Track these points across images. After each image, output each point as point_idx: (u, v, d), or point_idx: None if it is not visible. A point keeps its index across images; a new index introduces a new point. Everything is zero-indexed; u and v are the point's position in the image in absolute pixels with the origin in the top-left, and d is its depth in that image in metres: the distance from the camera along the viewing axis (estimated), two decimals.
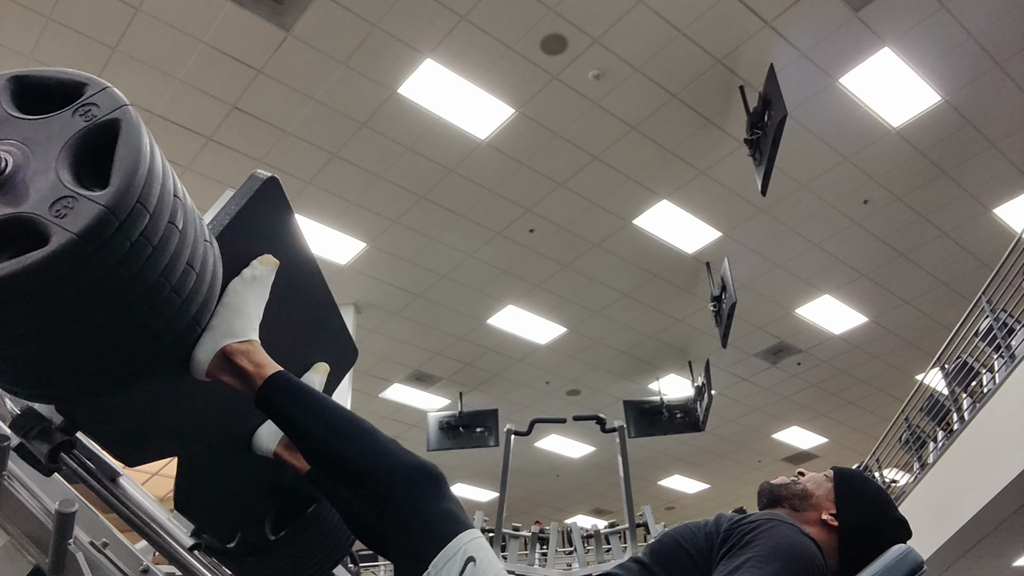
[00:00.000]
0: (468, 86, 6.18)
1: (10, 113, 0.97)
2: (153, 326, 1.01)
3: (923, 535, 6.61)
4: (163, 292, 0.99)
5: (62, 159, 0.93)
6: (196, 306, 1.08)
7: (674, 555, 1.22)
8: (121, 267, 0.92)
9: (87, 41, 5.57)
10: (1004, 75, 6.45)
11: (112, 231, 0.90)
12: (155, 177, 0.97)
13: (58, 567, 1.12)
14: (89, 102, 0.97)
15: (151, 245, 0.95)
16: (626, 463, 5.83)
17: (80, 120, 0.96)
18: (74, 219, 0.88)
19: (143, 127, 0.98)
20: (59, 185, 0.91)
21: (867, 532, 1.33)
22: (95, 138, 0.95)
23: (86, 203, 0.89)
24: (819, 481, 1.39)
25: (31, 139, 0.95)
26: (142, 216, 0.93)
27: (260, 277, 1.23)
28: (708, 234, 8.04)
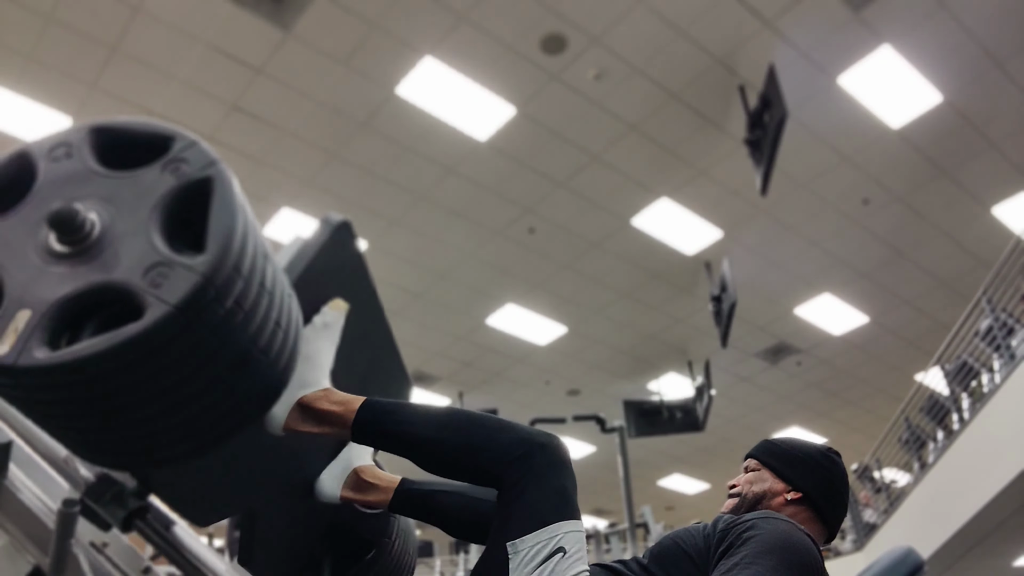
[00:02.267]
0: (468, 86, 6.18)
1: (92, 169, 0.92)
2: (242, 391, 0.98)
3: (923, 535, 6.61)
4: (253, 355, 0.96)
5: (152, 220, 0.88)
6: (283, 364, 1.04)
7: (674, 557, 1.22)
8: (213, 336, 0.89)
9: (87, 41, 5.57)
10: (1004, 75, 6.45)
11: (208, 300, 0.86)
12: (248, 239, 0.93)
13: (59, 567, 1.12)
14: (178, 158, 0.93)
15: (243, 311, 0.91)
16: (626, 463, 5.83)
17: (170, 178, 0.91)
18: (171, 289, 0.84)
19: (236, 184, 0.94)
20: (151, 250, 0.86)
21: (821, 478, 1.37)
22: (186, 197, 0.91)
23: (181, 271, 0.84)
24: (755, 477, 1.41)
25: (117, 197, 0.89)
26: (236, 282, 0.89)
27: (331, 324, 1.22)
28: (708, 234, 8.04)
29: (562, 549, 1.03)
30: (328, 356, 1.21)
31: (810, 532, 1.22)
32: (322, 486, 1.36)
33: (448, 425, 1.16)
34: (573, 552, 1.04)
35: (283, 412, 1.12)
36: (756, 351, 10.05)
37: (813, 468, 1.38)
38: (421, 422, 1.17)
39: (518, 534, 1.03)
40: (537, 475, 1.08)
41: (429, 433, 1.15)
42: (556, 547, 1.02)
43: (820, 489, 1.36)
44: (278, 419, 1.13)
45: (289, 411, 1.13)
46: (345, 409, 1.15)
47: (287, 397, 1.12)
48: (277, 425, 1.13)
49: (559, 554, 1.02)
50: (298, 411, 1.14)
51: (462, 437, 1.14)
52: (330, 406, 1.15)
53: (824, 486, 1.37)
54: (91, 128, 0.94)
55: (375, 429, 1.17)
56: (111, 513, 1.09)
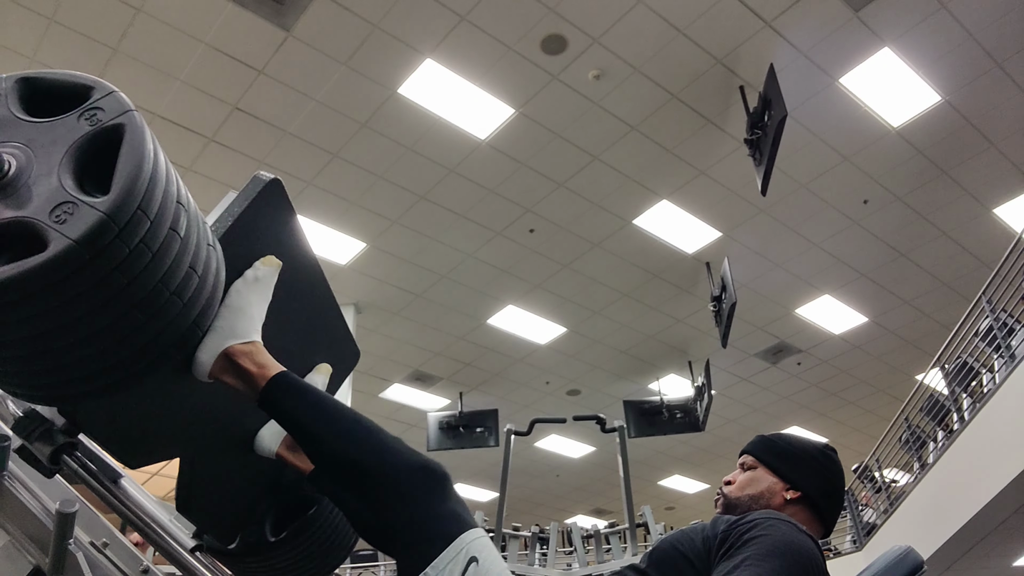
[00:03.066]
0: (468, 86, 6.18)
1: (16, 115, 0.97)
2: (152, 329, 1.01)
3: (923, 535, 6.62)
4: (163, 297, 0.99)
5: (65, 163, 0.93)
6: (198, 309, 1.08)
7: (673, 561, 1.21)
8: (119, 273, 0.92)
9: (89, 42, 5.58)
10: (1004, 75, 6.45)
11: (111, 238, 0.90)
12: (157, 184, 0.97)
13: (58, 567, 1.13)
14: (95, 106, 0.96)
15: (151, 252, 0.95)
16: (626, 463, 5.83)
17: (85, 124, 0.95)
18: (73, 225, 0.88)
19: (148, 133, 0.97)
20: (60, 190, 0.90)
21: (819, 476, 1.36)
22: (99, 143, 0.95)
23: (86, 209, 0.89)
24: (752, 475, 1.40)
25: (35, 142, 0.94)
26: (142, 223, 0.93)
27: (263, 278, 1.22)
28: (708, 234, 8.04)
29: (474, 558, 1.03)
30: (259, 309, 1.20)
31: (810, 531, 1.22)
32: (261, 441, 1.36)
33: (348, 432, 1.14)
34: (486, 557, 1.04)
35: (209, 358, 1.12)
36: (756, 351, 10.05)
37: (812, 466, 1.38)
38: (320, 417, 1.14)
39: (429, 559, 1.03)
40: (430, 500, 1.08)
41: (324, 431, 1.14)
42: (468, 557, 1.03)
43: (819, 488, 1.36)
44: (203, 365, 1.12)
45: (215, 358, 1.13)
46: (259, 373, 1.14)
47: (213, 343, 1.13)
48: (202, 371, 1.13)
49: (474, 564, 1.03)
50: (224, 360, 1.13)
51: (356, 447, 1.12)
52: (249, 364, 1.14)
53: (823, 485, 1.36)
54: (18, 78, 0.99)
55: (278, 406, 1.15)
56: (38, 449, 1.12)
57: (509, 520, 6.06)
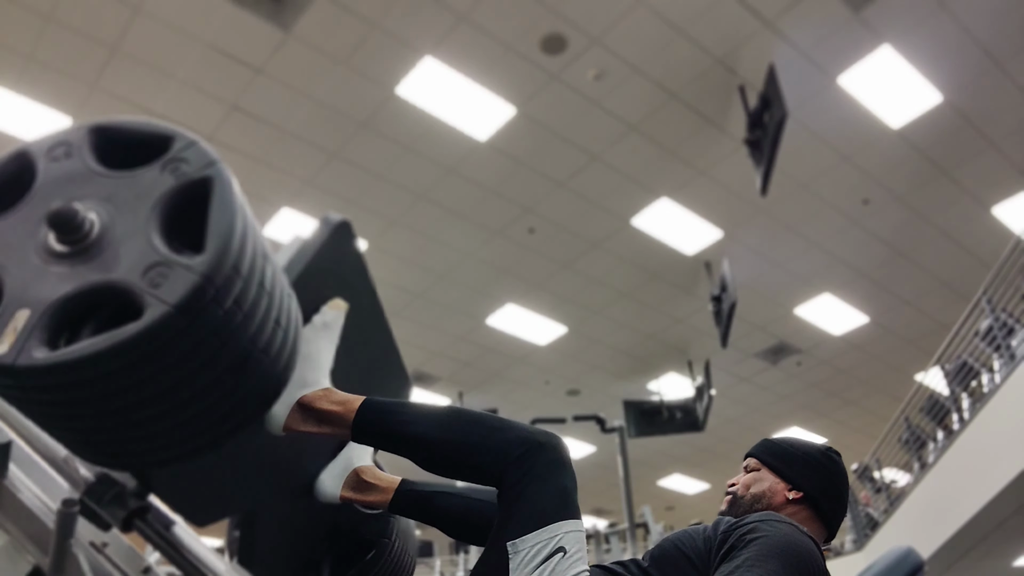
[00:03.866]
0: (468, 86, 6.18)
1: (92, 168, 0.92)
2: (243, 391, 0.98)
3: (923, 535, 6.61)
4: (253, 355, 0.95)
5: (151, 220, 0.88)
6: (283, 363, 1.04)
7: (674, 560, 1.21)
8: (213, 336, 0.88)
9: (87, 41, 5.57)
10: (1004, 75, 6.45)
11: (207, 300, 0.86)
12: (248, 239, 0.92)
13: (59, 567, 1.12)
14: (178, 157, 0.92)
15: (242, 311, 0.91)
16: (626, 463, 5.83)
17: (169, 177, 0.91)
18: (170, 289, 0.83)
19: (235, 184, 0.93)
20: (150, 250, 0.86)
21: (822, 477, 1.37)
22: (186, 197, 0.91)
23: (181, 271, 0.84)
24: (755, 476, 1.40)
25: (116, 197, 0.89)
26: (235, 282, 0.89)
27: (331, 323, 1.22)
28: (708, 234, 8.04)
29: (562, 549, 1.02)
30: (328, 355, 1.20)
31: (811, 532, 1.22)
32: (322, 486, 1.36)
33: (448, 425, 1.16)
34: (573, 552, 1.03)
35: (283, 412, 1.12)
36: (756, 351, 10.05)
37: (813, 467, 1.38)
38: (421, 421, 1.16)
39: (518, 534, 1.03)
40: (537, 475, 1.08)
41: (429, 432, 1.15)
42: (556, 547, 1.02)
43: (820, 489, 1.36)
44: (278, 419, 1.12)
45: (289, 411, 1.13)
46: (345, 409, 1.15)
47: (287, 397, 1.12)
48: (277, 425, 1.12)
49: (559, 554, 1.02)
50: (298, 411, 1.13)
51: (462, 436, 1.14)
52: (330, 406, 1.14)
53: (824, 486, 1.37)
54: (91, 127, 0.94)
55: (375, 429, 1.16)
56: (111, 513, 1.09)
57: None
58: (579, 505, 1.10)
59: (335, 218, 1.22)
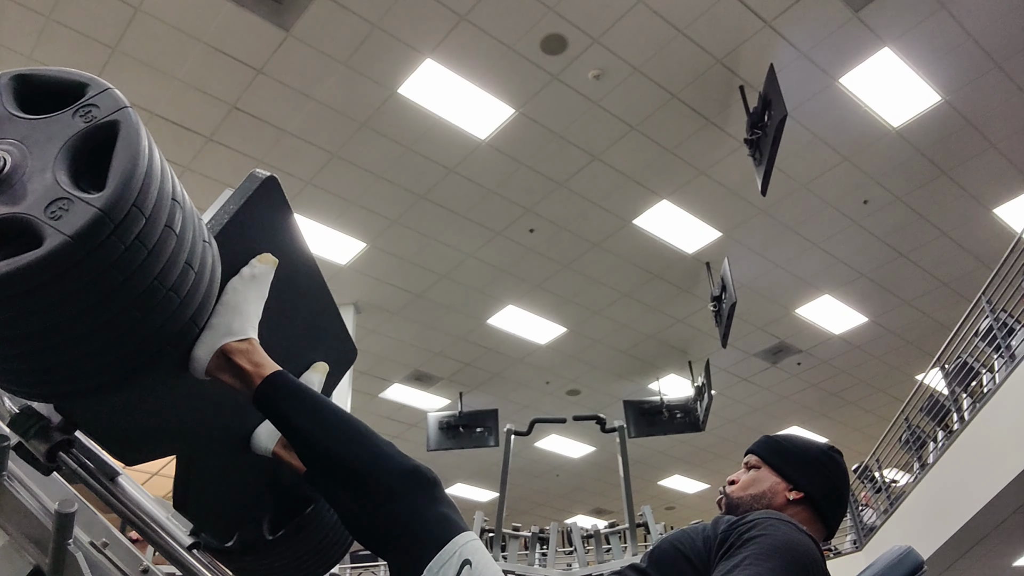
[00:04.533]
0: (468, 86, 6.18)
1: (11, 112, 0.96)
2: (149, 326, 1.00)
3: (923, 535, 6.62)
4: (159, 294, 0.99)
5: (60, 160, 0.92)
6: (195, 305, 1.07)
7: (673, 561, 1.21)
8: (115, 270, 0.92)
9: (87, 41, 5.57)
10: (1004, 75, 6.45)
11: (106, 234, 0.89)
12: (152, 180, 0.96)
13: (58, 567, 1.12)
14: (90, 103, 0.96)
15: (146, 248, 0.95)
16: (626, 463, 5.83)
17: (80, 121, 0.95)
18: (68, 221, 0.87)
19: (143, 129, 0.97)
20: (55, 186, 0.90)
21: (822, 478, 1.36)
22: (94, 140, 0.95)
23: (81, 205, 0.88)
24: (756, 474, 1.40)
25: (30, 139, 0.94)
26: (137, 220, 0.93)
27: (259, 275, 1.22)
28: (708, 234, 8.04)
29: (468, 561, 1.04)
30: (255, 306, 1.20)
31: (811, 532, 1.22)
32: (257, 439, 1.36)
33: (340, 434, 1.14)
34: (479, 560, 1.05)
35: (205, 355, 1.12)
36: (756, 351, 10.05)
37: (815, 467, 1.38)
38: (313, 419, 1.14)
39: (425, 559, 1.04)
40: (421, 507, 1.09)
41: (316, 433, 1.14)
42: (462, 560, 1.04)
43: (821, 489, 1.36)
44: (199, 362, 1.12)
45: (211, 356, 1.13)
46: (255, 372, 1.14)
47: (209, 340, 1.12)
48: (199, 368, 1.13)
49: (467, 566, 1.03)
50: (220, 358, 1.13)
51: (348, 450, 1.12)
52: (244, 362, 1.14)
53: (825, 486, 1.36)
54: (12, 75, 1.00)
55: (270, 405, 1.15)
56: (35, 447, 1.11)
57: (509, 520, 6.06)
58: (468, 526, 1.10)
59: (262, 174, 1.24)
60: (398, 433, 11.00)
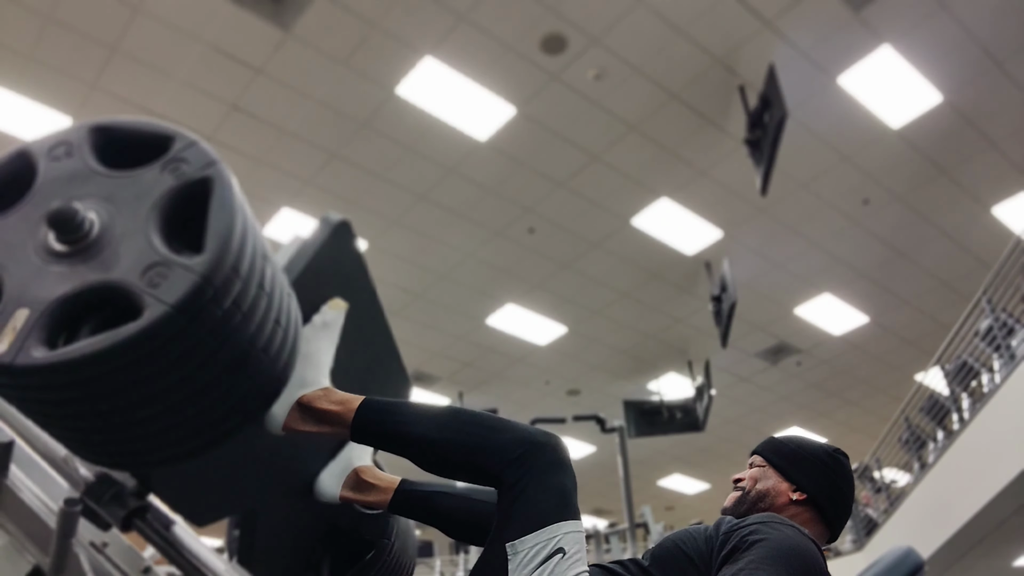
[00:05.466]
0: (468, 86, 6.18)
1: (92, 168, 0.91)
2: (242, 390, 0.98)
3: (923, 535, 6.61)
4: (252, 355, 0.96)
5: (151, 220, 0.88)
6: (283, 362, 1.04)
7: (675, 559, 1.22)
8: (211, 337, 0.88)
9: (86, 41, 5.57)
10: (1004, 75, 6.45)
11: (206, 301, 0.86)
12: (247, 240, 0.92)
13: (59, 567, 1.12)
14: (178, 157, 0.92)
15: (241, 311, 0.91)
16: (626, 463, 5.83)
17: (169, 177, 0.91)
18: (168, 289, 0.83)
19: (235, 185, 0.93)
20: (150, 250, 0.86)
21: (826, 480, 1.36)
22: (185, 197, 0.90)
23: (179, 272, 0.84)
24: (760, 474, 1.40)
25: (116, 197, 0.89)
26: (234, 283, 0.89)
27: (330, 323, 1.22)
28: (708, 234, 8.04)
29: (561, 550, 1.02)
30: (328, 355, 1.20)
31: (812, 533, 1.22)
32: (322, 486, 1.35)
33: (447, 425, 1.16)
34: (573, 553, 1.03)
35: (283, 411, 1.12)
36: (756, 351, 10.05)
37: (819, 469, 1.37)
38: (420, 421, 1.16)
39: (517, 535, 1.03)
40: (537, 475, 1.08)
41: (428, 433, 1.15)
42: (556, 548, 1.02)
43: (824, 491, 1.36)
44: (278, 418, 1.12)
45: (289, 410, 1.13)
46: (344, 408, 1.14)
47: (286, 396, 1.12)
48: (277, 424, 1.12)
49: (558, 555, 1.02)
50: (298, 410, 1.13)
51: (461, 437, 1.14)
52: (330, 405, 1.14)
53: (828, 488, 1.36)
54: (91, 127, 0.94)
55: (374, 429, 1.16)
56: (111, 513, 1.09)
57: None
58: (579, 506, 1.09)
59: (335, 218, 1.22)
60: None
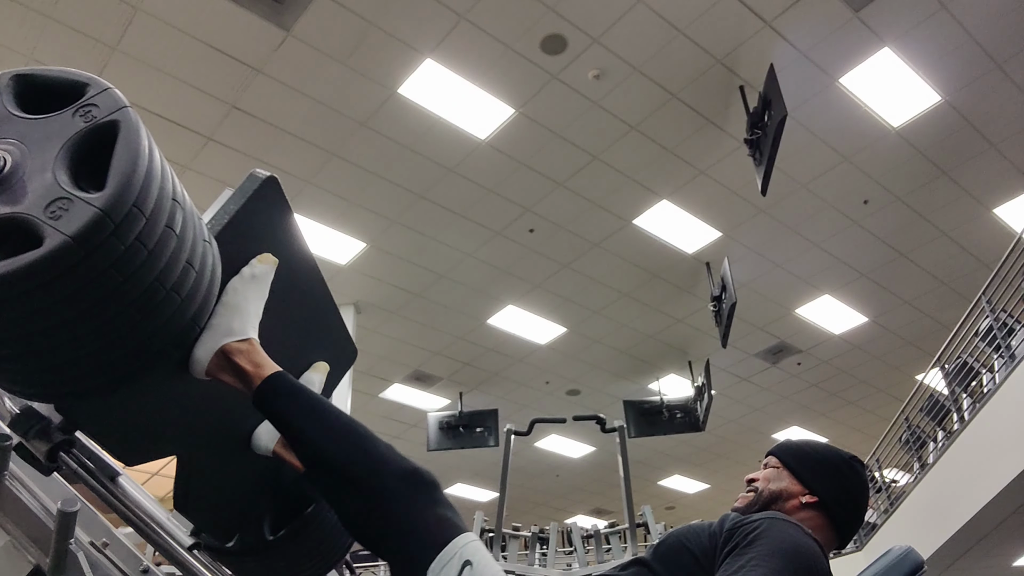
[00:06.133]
0: (468, 86, 6.18)
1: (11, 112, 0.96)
2: (149, 327, 1.00)
3: (923, 535, 6.62)
4: (159, 294, 0.99)
5: (60, 160, 0.92)
6: (196, 305, 1.07)
7: (678, 556, 1.22)
8: (114, 270, 0.91)
9: (86, 40, 5.57)
10: (1004, 75, 6.45)
11: (106, 235, 0.89)
12: (153, 180, 0.96)
13: (59, 567, 1.12)
14: (90, 103, 0.96)
15: (146, 248, 0.94)
16: (626, 463, 5.83)
17: (80, 121, 0.95)
18: (68, 221, 0.87)
19: (143, 129, 0.97)
20: (55, 186, 0.90)
21: (839, 485, 1.36)
22: (94, 140, 0.95)
23: (81, 205, 0.88)
24: (773, 475, 1.40)
25: (30, 138, 0.94)
26: (138, 220, 0.93)
27: (259, 275, 1.22)
28: (708, 234, 8.04)
29: (468, 562, 1.04)
30: (255, 307, 1.20)
31: (820, 538, 1.22)
32: (257, 438, 1.36)
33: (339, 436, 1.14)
34: (480, 560, 1.05)
35: (206, 356, 1.12)
36: (756, 351, 10.05)
37: (832, 475, 1.37)
38: (312, 420, 1.15)
39: (426, 561, 1.04)
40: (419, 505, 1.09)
41: (316, 435, 1.14)
42: (463, 561, 1.04)
43: (837, 496, 1.36)
44: (199, 363, 1.12)
45: (211, 356, 1.13)
46: (255, 373, 1.14)
47: (210, 341, 1.13)
48: (199, 368, 1.13)
49: (468, 567, 1.03)
50: (220, 358, 1.13)
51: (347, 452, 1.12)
52: (245, 363, 1.14)
53: (841, 494, 1.36)
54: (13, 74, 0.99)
55: (271, 406, 1.15)
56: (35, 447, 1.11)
57: (509, 520, 6.06)
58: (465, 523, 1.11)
59: (262, 174, 1.24)
60: (398, 433, 11.00)
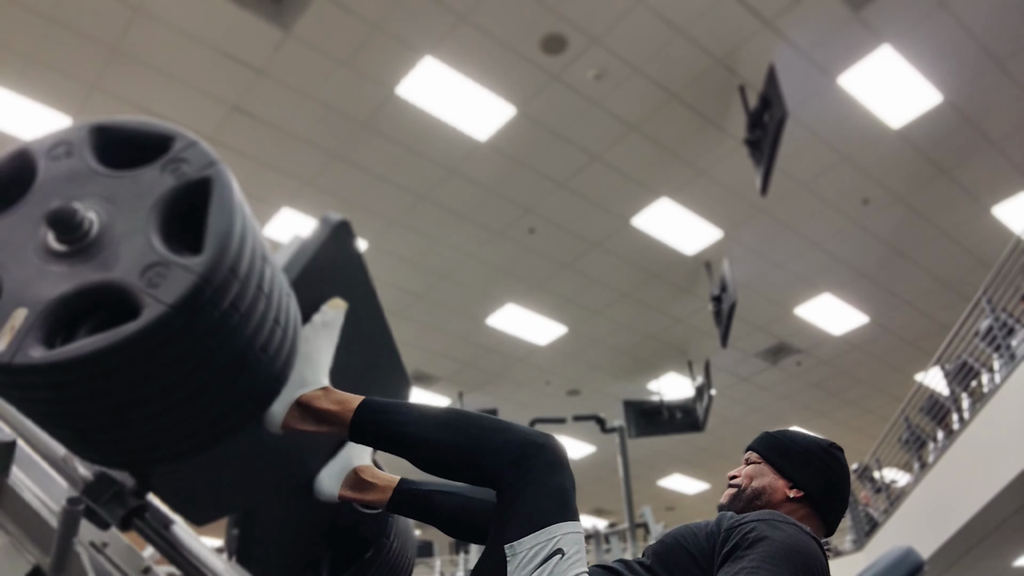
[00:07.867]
0: (468, 86, 6.18)
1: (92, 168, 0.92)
2: (240, 389, 0.98)
3: (923, 535, 6.61)
4: (250, 355, 0.96)
5: (151, 220, 0.88)
6: (281, 361, 1.05)
7: (676, 556, 1.22)
8: (210, 337, 0.88)
9: (87, 41, 5.57)
10: (1004, 75, 6.45)
11: (204, 301, 0.86)
12: (246, 242, 0.92)
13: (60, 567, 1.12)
14: (178, 158, 0.92)
15: (239, 312, 0.91)
16: (626, 463, 5.84)
17: (169, 177, 0.91)
18: (167, 289, 0.83)
19: (235, 185, 0.93)
20: (150, 250, 0.86)
21: (821, 476, 1.36)
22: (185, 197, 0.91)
23: (178, 271, 0.84)
24: (756, 471, 1.40)
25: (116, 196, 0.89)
26: (232, 283, 0.89)
27: (330, 322, 1.22)
28: (708, 234, 8.04)
29: (560, 551, 1.02)
30: (327, 355, 1.21)
31: (810, 528, 1.22)
32: (321, 485, 1.36)
33: (446, 425, 1.16)
34: (572, 554, 1.03)
35: (282, 410, 1.12)
36: (756, 351, 10.05)
37: (814, 465, 1.37)
38: (419, 422, 1.16)
39: (516, 536, 1.03)
40: (535, 477, 1.08)
41: (426, 433, 1.15)
42: (554, 549, 1.02)
43: (820, 487, 1.35)
44: (277, 417, 1.12)
45: (288, 409, 1.13)
46: (343, 408, 1.15)
47: (286, 395, 1.12)
48: (276, 423, 1.13)
49: (557, 556, 1.02)
50: (297, 409, 1.13)
51: (459, 438, 1.14)
52: (328, 405, 1.15)
53: (824, 484, 1.36)
54: (92, 127, 0.94)
55: (372, 429, 1.16)
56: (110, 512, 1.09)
57: None
58: (577, 507, 1.09)
59: (335, 217, 1.22)
60: None
